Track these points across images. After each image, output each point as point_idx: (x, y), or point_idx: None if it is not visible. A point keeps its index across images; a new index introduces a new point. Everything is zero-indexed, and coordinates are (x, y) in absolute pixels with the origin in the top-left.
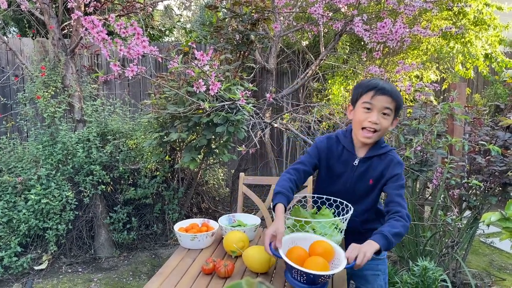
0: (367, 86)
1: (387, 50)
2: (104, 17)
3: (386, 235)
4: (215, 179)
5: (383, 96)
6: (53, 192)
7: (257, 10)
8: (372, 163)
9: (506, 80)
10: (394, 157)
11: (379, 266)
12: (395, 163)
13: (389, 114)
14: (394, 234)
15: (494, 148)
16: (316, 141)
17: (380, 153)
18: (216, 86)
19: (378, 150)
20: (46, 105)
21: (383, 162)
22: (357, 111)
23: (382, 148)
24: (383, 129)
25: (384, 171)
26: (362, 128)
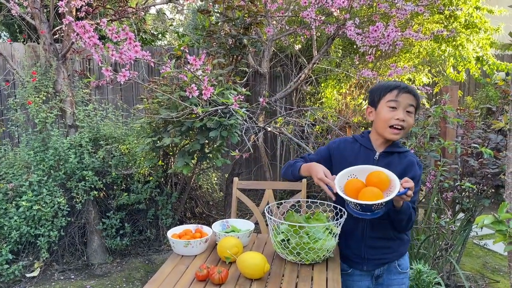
0: (389, 86)
1: (379, 53)
2: (96, 22)
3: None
4: (209, 184)
5: (407, 94)
6: (45, 198)
7: (249, 14)
8: (393, 159)
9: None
10: (414, 158)
11: (404, 280)
12: (415, 164)
13: (413, 112)
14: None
15: (486, 150)
16: (329, 143)
17: (399, 150)
18: (209, 91)
19: (397, 148)
20: (38, 110)
21: (403, 162)
22: (381, 111)
23: (400, 147)
24: (409, 126)
25: (404, 172)
26: (389, 126)
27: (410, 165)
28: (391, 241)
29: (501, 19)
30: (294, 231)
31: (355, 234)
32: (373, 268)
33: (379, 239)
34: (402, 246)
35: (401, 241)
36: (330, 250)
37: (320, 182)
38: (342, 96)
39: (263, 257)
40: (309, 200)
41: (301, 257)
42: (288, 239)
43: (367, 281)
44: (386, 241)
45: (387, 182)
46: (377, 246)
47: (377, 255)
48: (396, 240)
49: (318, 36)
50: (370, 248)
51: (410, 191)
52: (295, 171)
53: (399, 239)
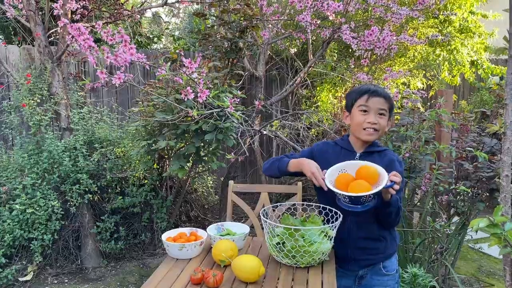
0: (360, 91)
1: (374, 57)
2: (91, 24)
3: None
4: (204, 187)
5: (377, 98)
6: (39, 201)
7: (245, 17)
8: (374, 159)
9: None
10: (394, 156)
11: (389, 282)
12: (396, 162)
13: (385, 114)
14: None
15: (481, 154)
16: (313, 145)
17: (378, 150)
18: (204, 94)
19: (376, 147)
20: (32, 113)
21: (383, 160)
22: (354, 115)
23: (379, 146)
24: (382, 128)
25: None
26: (363, 129)
27: (391, 163)
28: (377, 242)
29: (495, 24)
30: (290, 234)
31: (341, 234)
32: (358, 269)
33: (365, 239)
34: (389, 247)
35: (388, 242)
36: (326, 253)
37: (313, 176)
38: (338, 100)
39: (258, 260)
40: (304, 203)
41: (296, 260)
42: (284, 242)
43: (350, 280)
44: (373, 242)
45: (376, 175)
46: (363, 246)
47: (363, 256)
48: (382, 241)
49: (314, 40)
50: (356, 249)
51: (397, 185)
52: (283, 166)
53: (385, 240)
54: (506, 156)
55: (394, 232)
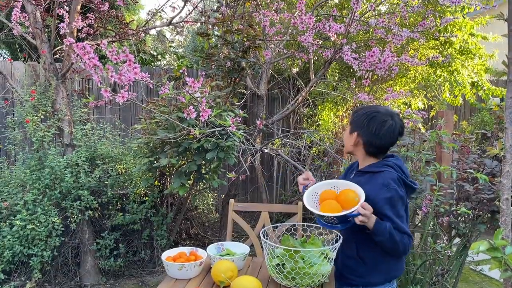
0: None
1: (376, 77)
2: (96, 43)
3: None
4: (205, 204)
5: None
6: (39, 217)
7: (248, 38)
8: (362, 179)
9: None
10: (387, 179)
11: None
12: (383, 188)
13: (346, 128)
14: (391, 234)
15: (481, 176)
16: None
17: (374, 170)
18: (206, 113)
19: (373, 168)
20: (35, 129)
21: (370, 183)
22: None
23: (378, 167)
24: (344, 138)
25: (368, 191)
26: None
27: (376, 187)
28: (358, 264)
29: (495, 46)
30: (289, 255)
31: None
32: (339, 286)
33: (348, 257)
34: (372, 275)
35: (369, 268)
36: (326, 275)
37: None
38: (339, 119)
39: (257, 281)
40: (304, 224)
41: (296, 282)
42: (283, 263)
43: None
44: (355, 262)
45: (352, 202)
46: (348, 264)
47: (347, 274)
48: (361, 264)
49: (316, 59)
50: (343, 265)
51: (362, 216)
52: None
53: (365, 264)
54: (506, 179)
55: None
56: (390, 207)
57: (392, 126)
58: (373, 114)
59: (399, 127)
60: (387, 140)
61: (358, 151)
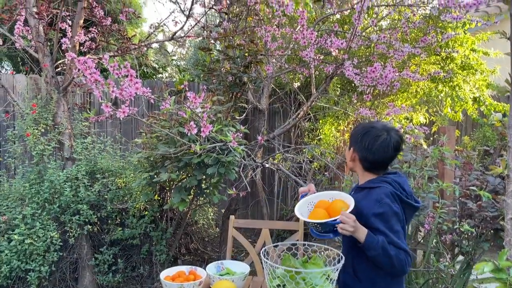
0: None
1: (377, 92)
2: (99, 57)
3: (378, 241)
4: (205, 219)
5: None
6: (38, 232)
7: (249, 53)
8: (358, 195)
9: (494, 123)
10: (380, 195)
11: None
12: (375, 203)
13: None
14: (384, 248)
15: (484, 194)
16: None
17: (370, 186)
18: (207, 129)
19: (370, 184)
20: (35, 142)
21: (365, 198)
22: None
23: (375, 183)
24: (345, 154)
25: (361, 207)
26: None
27: (370, 203)
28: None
29: (496, 61)
30: (290, 276)
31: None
32: None
33: (346, 275)
34: None
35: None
36: None
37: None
38: (340, 133)
39: None
40: (305, 243)
41: None
42: (284, 284)
43: None
44: (351, 280)
45: (339, 211)
46: (345, 281)
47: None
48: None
49: (317, 74)
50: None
51: (343, 224)
52: None
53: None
54: (510, 198)
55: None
56: (382, 221)
57: (386, 141)
58: (368, 129)
59: (394, 142)
60: (381, 155)
61: (356, 166)
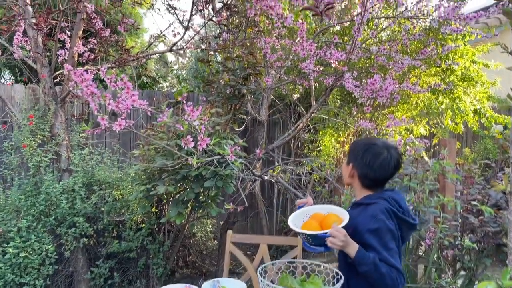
0: None
1: (377, 104)
2: (97, 68)
3: (370, 257)
4: (203, 232)
5: None
6: (33, 245)
7: (248, 65)
8: (354, 212)
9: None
10: (375, 211)
11: None
12: (368, 219)
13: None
14: (375, 265)
15: (486, 209)
16: None
17: (366, 202)
18: (204, 142)
19: (366, 200)
20: (32, 154)
21: (360, 214)
22: None
23: (371, 199)
24: (342, 169)
25: (357, 223)
26: None
27: (364, 218)
28: None
29: (497, 73)
30: None
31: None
32: None
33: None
34: None
35: None
36: None
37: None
38: (340, 145)
39: None
40: (303, 261)
41: None
42: None
43: None
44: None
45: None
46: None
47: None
48: None
49: (317, 85)
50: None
51: (332, 237)
52: None
53: None
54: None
55: None
56: (376, 238)
57: (387, 159)
58: (368, 146)
59: (395, 160)
60: (381, 173)
61: (354, 182)
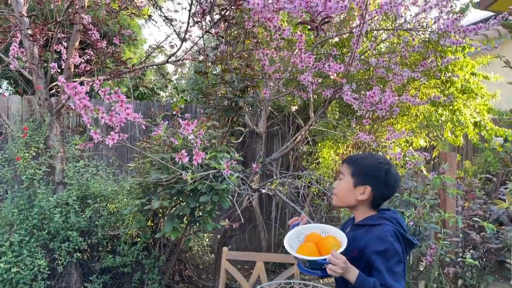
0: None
1: (376, 116)
2: (93, 79)
3: (370, 282)
4: (200, 245)
5: (342, 164)
6: (25, 260)
7: (245, 78)
8: (358, 233)
9: (496, 148)
10: (381, 232)
11: None
12: (376, 239)
13: (342, 178)
14: None
15: (488, 226)
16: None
17: (371, 223)
18: (199, 156)
19: (370, 221)
20: (26, 166)
21: (367, 237)
22: None
23: (375, 220)
24: (338, 192)
25: (366, 247)
26: None
27: (372, 240)
28: None
29: (496, 85)
30: None
31: None
32: None
33: None
34: None
35: None
36: None
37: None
38: (340, 157)
39: None
40: (301, 282)
41: None
42: None
43: None
44: None
45: (330, 249)
46: None
47: None
48: None
49: (315, 97)
50: None
51: (331, 265)
52: None
53: None
54: None
55: None
56: (382, 260)
57: (398, 176)
58: (379, 166)
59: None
60: (394, 190)
61: (362, 205)
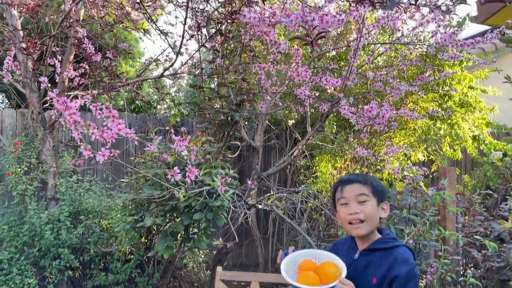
0: (335, 185)
1: (374, 129)
2: (87, 92)
3: None
4: (195, 262)
5: (351, 185)
6: (14, 278)
7: (241, 92)
8: (374, 259)
9: (495, 162)
10: (399, 254)
11: None
12: (399, 262)
13: (367, 200)
14: None
15: (490, 244)
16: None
17: (385, 247)
18: (193, 173)
19: (382, 244)
20: (17, 182)
21: (387, 261)
22: (339, 211)
23: (388, 242)
24: (369, 216)
25: (388, 271)
26: (349, 223)
27: (393, 264)
28: None
29: (494, 99)
30: None
31: None
32: None
33: None
34: None
35: None
36: None
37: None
38: (337, 171)
39: None
40: None
41: None
42: None
43: None
44: None
45: (332, 276)
46: None
47: None
48: None
49: (312, 111)
50: None
51: None
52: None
53: None
54: None
55: None
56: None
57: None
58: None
59: None
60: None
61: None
